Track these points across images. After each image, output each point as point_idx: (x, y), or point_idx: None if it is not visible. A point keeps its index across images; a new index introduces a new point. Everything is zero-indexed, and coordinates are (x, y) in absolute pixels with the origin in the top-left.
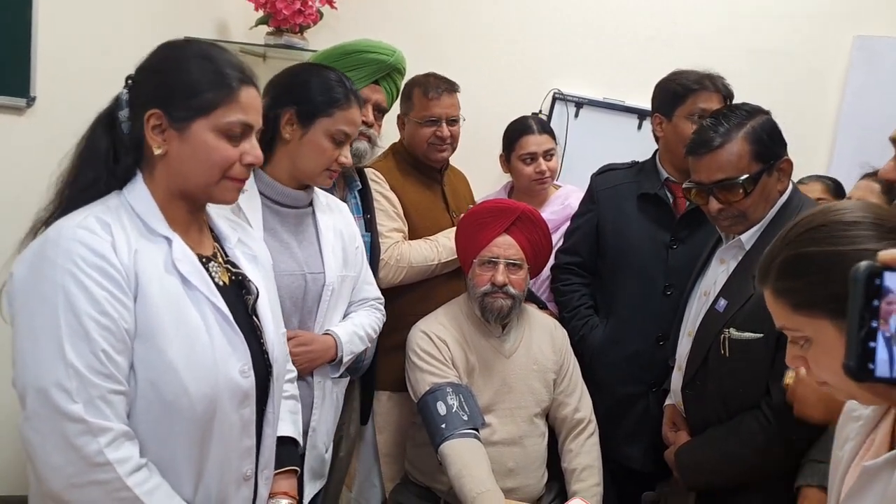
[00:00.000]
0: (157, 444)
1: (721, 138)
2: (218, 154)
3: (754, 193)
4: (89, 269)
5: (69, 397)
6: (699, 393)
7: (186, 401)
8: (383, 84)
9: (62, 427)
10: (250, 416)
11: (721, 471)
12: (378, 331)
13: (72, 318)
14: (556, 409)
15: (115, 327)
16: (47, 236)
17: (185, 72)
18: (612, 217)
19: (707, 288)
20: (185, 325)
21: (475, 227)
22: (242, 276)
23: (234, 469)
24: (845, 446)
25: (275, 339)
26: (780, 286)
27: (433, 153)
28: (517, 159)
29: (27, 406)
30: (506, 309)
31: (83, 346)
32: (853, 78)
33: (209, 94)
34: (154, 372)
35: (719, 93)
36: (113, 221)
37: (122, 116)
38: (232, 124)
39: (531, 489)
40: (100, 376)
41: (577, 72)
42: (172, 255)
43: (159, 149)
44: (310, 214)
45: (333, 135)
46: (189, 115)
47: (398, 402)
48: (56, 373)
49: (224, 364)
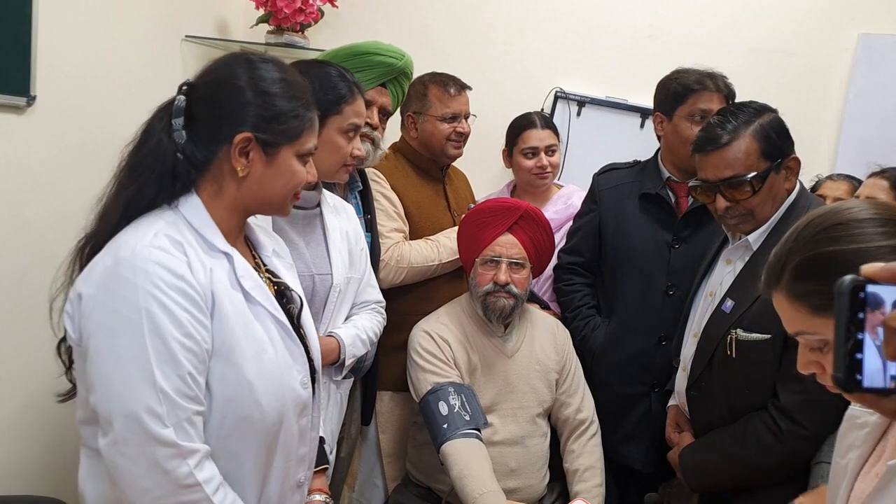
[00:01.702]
0: (227, 458)
1: (729, 135)
2: (299, 178)
3: (762, 191)
4: (170, 291)
5: (161, 422)
6: (704, 394)
7: (259, 414)
8: (390, 87)
9: (153, 451)
10: (307, 425)
11: (725, 473)
12: (378, 335)
13: (158, 342)
14: (559, 410)
15: (198, 349)
16: (119, 256)
17: (272, 96)
18: (614, 217)
19: (713, 288)
20: (253, 341)
21: (478, 226)
22: (285, 285)
23: (292, 476)
24: (849, 454)
25: (317, 348)
26: (798, 289)
27: (451, 150)
28: (519, 153)
29: (115, 430)
30: (508, 308)
31: (170, 370)
32: (857, 77)
33: (296, 123)
34: (231, 388)
35: (720, 93)
36: (182, 239)
37: (176, 124)
38: (310, 150)
39: (533, 490)
40: (186, 399)
41: (579, 70)
42: (236, 272)
43: (244, 171)
44: (318, 215)
45: (345, 130)
46: (279, 141)
47: (400, 401)
48: (146, 398)
49: (289, 376)
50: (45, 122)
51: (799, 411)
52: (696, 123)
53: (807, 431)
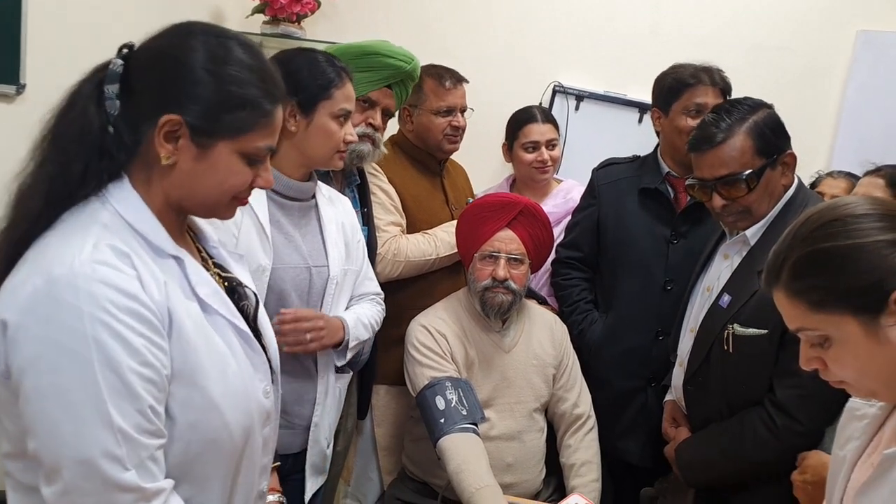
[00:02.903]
0: (192, 483)
1: (723, 134)
2: (237, 178)
3: (758, 189)
4: (122, 315)
5: (121, 465)
6: (701, 389)
7: (226, 435)
8: (395, 89)
9: (113, 498)
10: (269, 434)
11: (721, 467)
12: (379, 323)
13: (111, 376)
14: (555, 405)
15: (157, 377)
16: (53, 275)
17: (223, 79)
18: (613, 212)
19: (710, 283)
20: (215, 356)
21: (477, 220)
22: (237, 281)
23: (255, 488)
24: (847, 445)
25: (275, 348)
26: (796, 286)
27: (447, 144)
28: (519, 147)
29: (64, 480)
30: (506, 304)
31: (128, 406)
32: (856, 74)
33: (243, 114)
34: (196, 413)
35: (716, 86)
36: (127, 248)
37: (109, 91)
38: (259, 150)
39: (529, 484)
40: (148, 435)
41: (577, 65)
42: (189, 279)
43: (168, 159)
44: (313, 207)
45: (337, 115)
46: (216, 133)
47: (396, 395)
48: (103, 441)
49: (252, 388)
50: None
51: (795, 407)
52: (692, 118)
53: (802, 427)
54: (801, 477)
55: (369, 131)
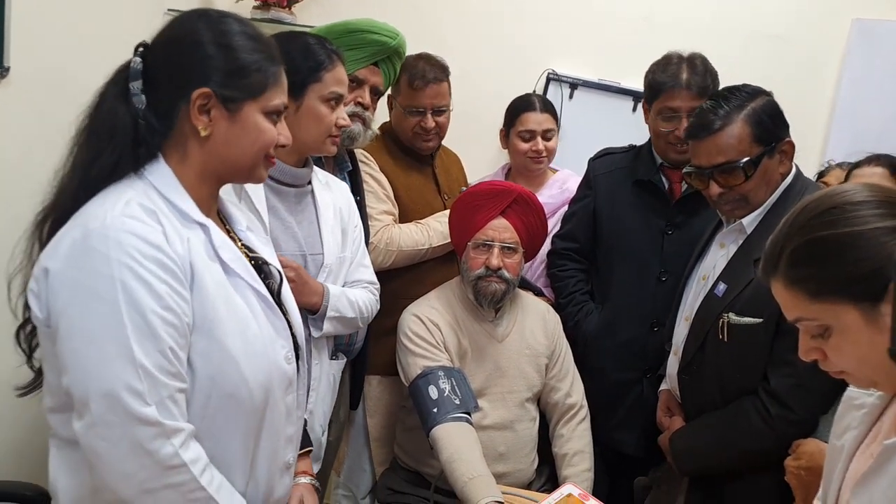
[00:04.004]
0: (213, 439)
1: (721, 121)
2: (267, 136)
3: (755, 176)
4: (147, 262)
5: (142, 400)
6: (695, 378)
7: (245, 392)
8: (382, 66)
9: (135, 431)
10: (293, 403)
11: (715, 456)
12: (371, 311)
13: (136, 316)
14: (548, 394)
15: (178, 322)
16: (88, 228)
17: (234, 50)
18: (608, 202)
19: (706, 272)
20: (235, 315)
21: (470, 209)
22: (262, 260)
23: (280, 458)
24: (845, 435)
25: (299, 323)
26: (794, 275)
27: (418, 143)
28: (515, 135)
29: (92, 412)
30: (499, 293)
31: (150, 345)
32: (851, 62)
33: (259, 76)
34: (215, 365)
35: (690, 90)
36: (154, 207)
37: (134, 88)
38: (277, 107)
39: (522, 474)
40: (168, 375)
41: (571, 52)
42: (213, 243)
43: (206, 130)
44: (309, 193)
45: (327, 98)
46: (241, 96)
47: (389, 385)
48: (126, 375)
49: (273, 351)
50: (19, 93)
51: (789, 395)
52: (665, 120)
53: (796, 416)
54: (795, 463)
55: (358, 110)
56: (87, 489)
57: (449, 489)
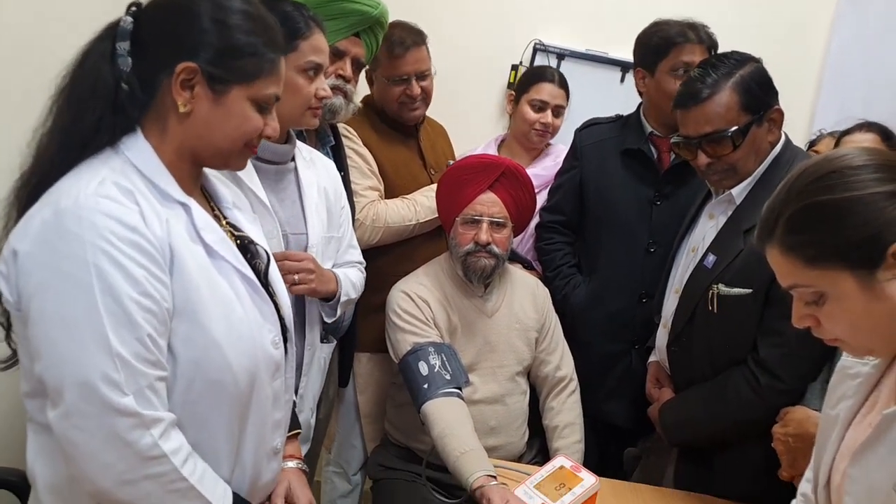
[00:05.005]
0: (197, 426)
1: (709, 90)
2: (250, 125)
3: (744, 146)
4: (122, 245)
5: (119, 390)
6: (685, 350)
7: (230, 377)
8: (364, 37)
9: (112, 422)
10: (280, 388)
11: (705, 427)
12: (361, 289)
13: (111, 302)
14: (538, 368)
15: (157, 308)
16: (59, 206)
17: (229, 28)
18: (596, 173)
19: (695, 244)
20: (219, 298)
21: (457, 183)
22: (248, 239)
23: (267, 443)
24: (840, 405)
25: (287, 305)
26: (790, 241)
27: (405, 112)
28: (526, 102)
29: (66, 401)
30: (489, 269)
31: (127, 333)
32: (838, 30)
33: (253, 61)
34: (198, 351)
35: (702, 44)
36: (132, 186)
37: (121, 49)
38: (269, 97)
39: (513, 447)
40: (147, 364)
41: (558, 23)
42: (195, 224)
43: (185, 107)
44: (291, 171)
45: (304, 68)
46: (230, 79)
47: (378, 363)
48: (102, 364)
49: (259, 335)
50: None
51: (778, 365)
52: (678, 77)
53: (785, 385)
54: (783, 430)
55: (340, 83)
56: (66, 477)
57: (441, 464)
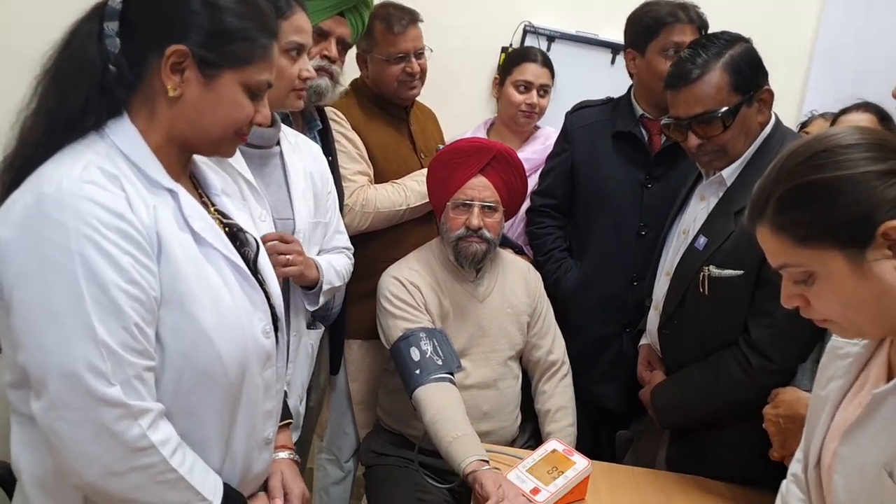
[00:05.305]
0: (187, 417)
1: (699, 70)
2: (242, 112)
3: (733, 127)
4: (108, 232)
5: (105, 380)
6: (676, 333)
7: (220, 368)
8: (349, 17)
9: (98, 413)
10: (272, 378)
11: (696, 409)
12: (348, 276)
13: (97, 290)
14: (530, 352)
15: (144, 297)
16: (42, 192)
17: (221, 10)
18: (587, 156)
19: (686, 226)
20: (208, 287)
21: (448, 167)
22: (237, 227)
23: (259, 434)
24: (829, 385)
25: (278, 294)
26: (781, 220)
27: (404, 91)
28: (511, 84)
29: (50, 393)
30: (480, 254)
31: (114, 322)
32: (829, 9)
33: (245, 45)
34: (187, 341)
35: (693, 24)
36: (117, 171)
37: (109, 29)
38: (261, 84)
39: (506, 431)
40: (134, 353)
41: (548, 4)
42: (182, 211)
43: (175, 90)
44: (277, 155)
45: (286, 49)
46: (221, 63)
47: (370, 349)
48: (87, 354)
49: (249, 325)
50: None
51: (768, 345)
52: (669, 58)
53: (776, 365)
54: (773, 411)
55: (325, 64)
56: (50, 469)
57: (433, 450)
